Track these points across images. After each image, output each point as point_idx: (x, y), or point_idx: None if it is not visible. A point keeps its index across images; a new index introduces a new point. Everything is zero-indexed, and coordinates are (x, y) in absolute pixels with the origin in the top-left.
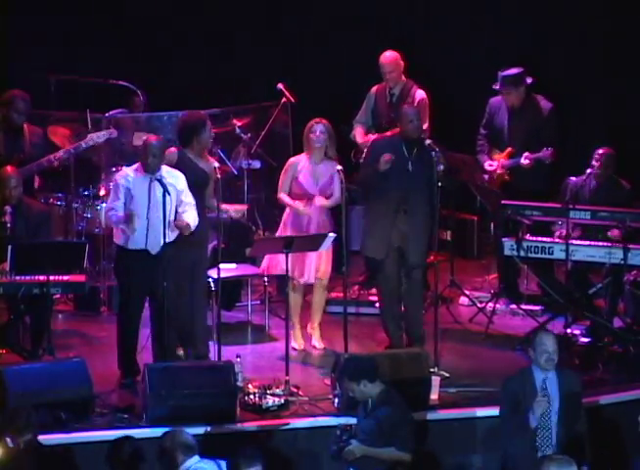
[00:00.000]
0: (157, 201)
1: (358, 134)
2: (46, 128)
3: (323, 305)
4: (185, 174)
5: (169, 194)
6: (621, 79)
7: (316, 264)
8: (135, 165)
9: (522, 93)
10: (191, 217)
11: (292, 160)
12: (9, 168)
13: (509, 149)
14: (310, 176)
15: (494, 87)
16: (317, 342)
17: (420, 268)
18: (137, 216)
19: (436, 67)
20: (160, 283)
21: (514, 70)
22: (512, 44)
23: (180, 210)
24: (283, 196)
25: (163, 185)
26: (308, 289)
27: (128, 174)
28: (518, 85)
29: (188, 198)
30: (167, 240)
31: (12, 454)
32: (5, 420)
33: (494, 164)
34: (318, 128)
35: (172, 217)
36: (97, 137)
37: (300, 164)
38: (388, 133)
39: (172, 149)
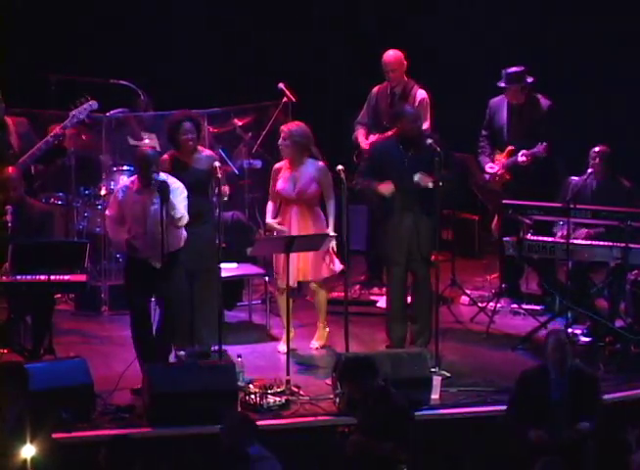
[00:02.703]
0: (153, 211)
1: (360, 136)
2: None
3: (324, 304)
4: (182, 180)
5: (167, 201)
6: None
7: (296, 266)
8: (132, 178)
9: (525, 90)
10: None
11: (276, 166)
12: (10, 169)
13: (509, 148)
14: (287, 182)
15: (499, 84)
16: (317, 341)
17: (428, 265)
18: (137, 237)
19: (436, 66)
20: (163, 287)
21: (516, 68)
22: (512, 43)
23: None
24: (268, 208)
25: (160, 190)
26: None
27: (127, 187)
28: (521, 81)
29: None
30: (167, 250)
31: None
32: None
33: (495, 166)
34: (281, 135)
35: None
36: (79, 113)
37: (282, 170)
38: (388, 133)
39: (164, 156)
